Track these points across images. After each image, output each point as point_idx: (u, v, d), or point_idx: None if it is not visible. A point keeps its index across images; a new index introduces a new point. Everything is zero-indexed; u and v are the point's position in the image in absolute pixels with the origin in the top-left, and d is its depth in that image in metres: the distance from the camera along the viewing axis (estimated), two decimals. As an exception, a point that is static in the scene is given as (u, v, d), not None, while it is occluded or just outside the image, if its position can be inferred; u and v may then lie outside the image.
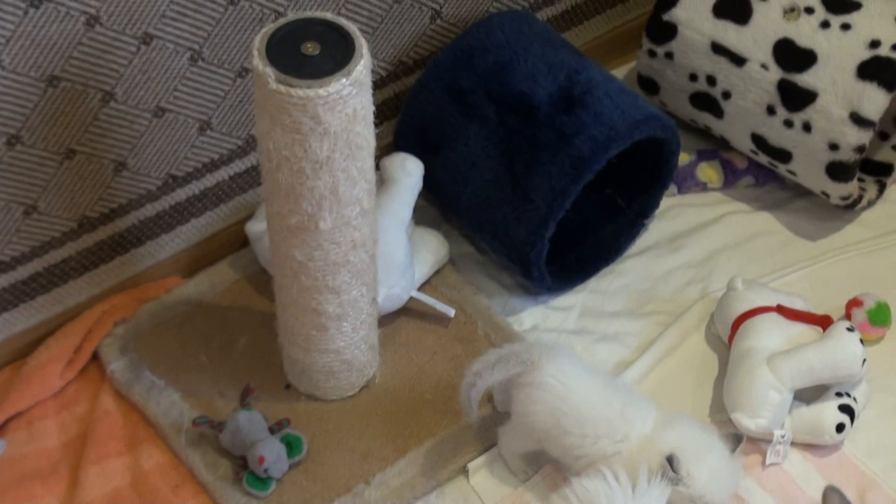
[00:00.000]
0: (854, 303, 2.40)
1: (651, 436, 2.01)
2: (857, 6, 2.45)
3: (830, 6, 2.46)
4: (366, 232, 2.03)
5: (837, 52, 2.42)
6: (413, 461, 2.16)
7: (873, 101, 2.38)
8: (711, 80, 2.55)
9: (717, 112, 2.59)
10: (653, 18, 2.60)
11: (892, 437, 2.24)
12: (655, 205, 2.58)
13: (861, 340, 2.18)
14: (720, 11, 2.52)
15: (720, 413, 2.24)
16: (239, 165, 2.44)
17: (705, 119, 2.64)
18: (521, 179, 2.32)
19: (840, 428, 2.17)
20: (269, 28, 1.84)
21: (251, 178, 2.47)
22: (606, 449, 2.01)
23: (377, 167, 2.39)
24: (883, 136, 2.71)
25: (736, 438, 2.06)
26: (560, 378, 2.05)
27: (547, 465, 2.16)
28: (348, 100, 1.82)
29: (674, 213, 2.65)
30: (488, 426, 2.21)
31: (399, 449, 2.17)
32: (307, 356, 2.18)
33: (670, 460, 1.92)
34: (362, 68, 1.82)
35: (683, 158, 2.67)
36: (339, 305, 2.09)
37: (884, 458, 2.21)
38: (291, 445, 2.14)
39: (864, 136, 2.41)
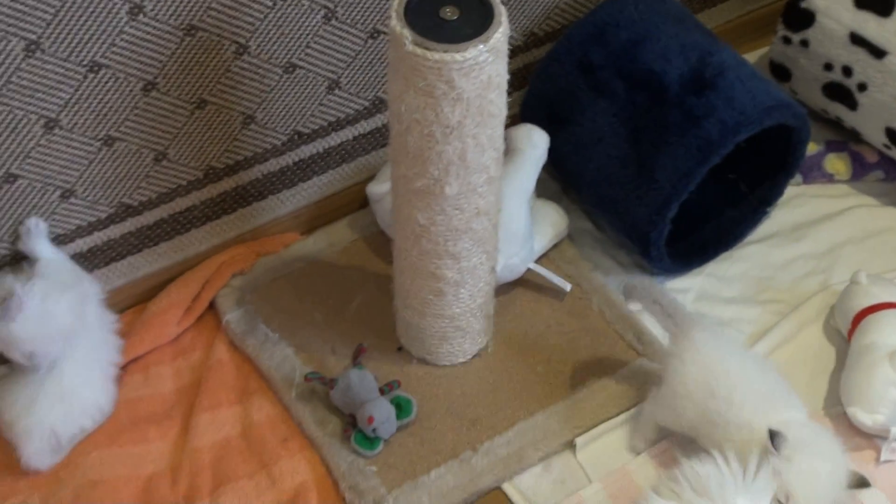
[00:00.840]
0: (979, 306, 2.34)
1: (781, 423, 1.96)
2: None
3: (976, 1, 2.40)
4: (491, 200, 2.03)
5: (981, 50, 2.37)
6: (522, 432, 2.16)
7: None
8: (847, 71, 2.51)
9: (851, 104, 2.54)
10: (791, 5, 2.56)
11: None
12: (779, 193, 2.54)
13: None
14: (861, 2, 2.46)
15: (835, 407, 2.21)
16: (364, 126, 2.45)
17: (837, 110, 2.59)
18: (646, 159, 2.30)
19: (955, 431, 2.13)
20: (409, -10, 1.85)
21: (375, 139, 2.48)
22: (744, 417, 1.98)
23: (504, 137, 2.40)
24: None
25: (861, 482, 1.99)
26: (718, 343, 2.08)
27: (662, 441, 2.15)
28: (484, 66, 1.82)
29: (798, 202, 2.61)
30: (598, 402, 2.20)
31: (508, 419, 2.17)
32: (422, 320, 2.19)
33: (773, 435, 1.89)
34: (500, 35, 1.82)
35: (811, 148, 2.63)
36: (458, 272, 2.09)
37: None
38: (401, 407, 2.15)
39: None
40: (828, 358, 2.32)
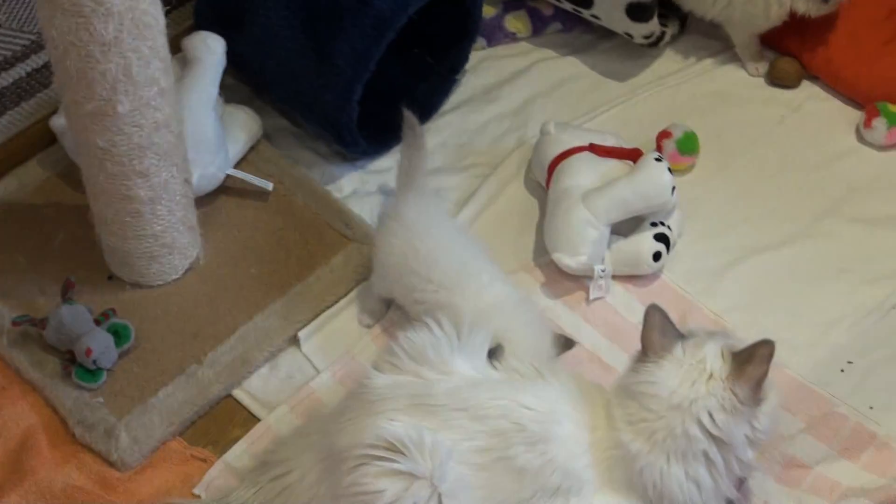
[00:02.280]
0: (663, 134, 2.45)
1: (485, 308, 2.01)
2: None
3: None
4: (168, 112, 2.00)
5: None
6: (244, 336, 2.16)
7: (663, -65, 2.41)
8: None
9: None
10: None
11: (706, 262, 2.31)
12: (465, 59, 2.59)
13: (669, 169, 2.22)
14: None
15: (543, 256, 2.28)
16: (35, 61, 2.38)
17: (507, -31, 2.64)
18: (323, 46, 2.30)
19: (657, 256, 2.23)
20: None
21: (51, 72, 2.40)
22: (443, 300, 2.03)
23: (179, 49, 2.37)
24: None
25: (567, 343, 2.05)
26: (421, 217, 2.10)
27: (385, 320, 2.20)
28: (130, -23, 1.78)
29: (485, 65, 2.66)
30: (315, 294, 2.22)
31: (228, 326, 2.17)
32: (126, 243, 2.15)
33: (493, 352, 1.92)
34: (139, -56, 1.78)
35: (489, 11, 2.69)
36: (149, 189, 2.06)
37: (700, 281, 2.27)
38: (119, 334, 2.12)
39: (658, -26, 2.44)
40: (532, 211, 2.39)
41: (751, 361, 1.73)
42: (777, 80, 2.61)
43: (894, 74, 2.52)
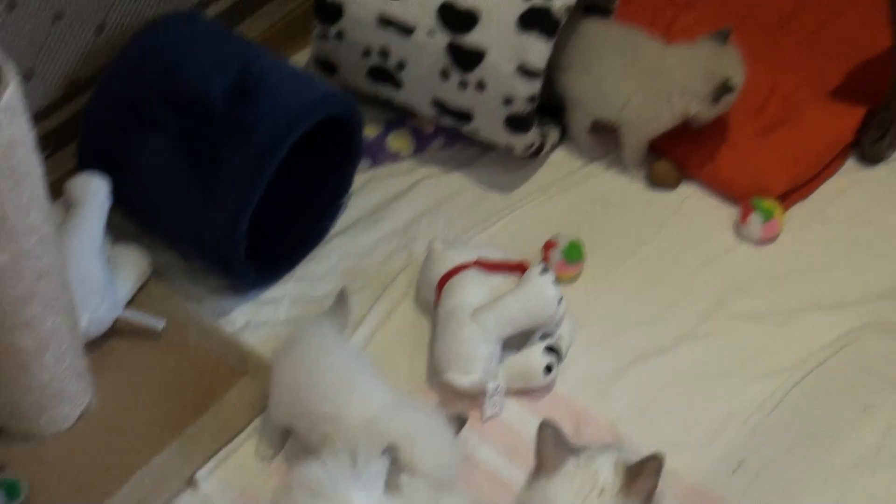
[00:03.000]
0: (549, 245, 2.49)
1: (375, 419, 2.02)
2: (507, -40, 2.53)
3: (484, -36, 2.53)
4: (50, 260, 1.99)
5: (497, 8, 2.50)
6: (140, 482, 2.13)
7: (536, 50, 2.47)
8: (384, 53, 2.60)
9: (396, 83, 2.64)
10: (318, 1, 2.63)
11: (598, 368, 2.34)
12: (349, 182, 2.62)
13: (555, 281, 2.26)
14: (377, -15, 2.57)
15: (436, 376, 2.29)
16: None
17: (386, 91, 2.69)
18: (208, 179, 2.32)
19: (549, 369, 2.25)
20: None
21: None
22: (329, 411, 2.04)
23: (63, 191, 2.37)
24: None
25: (460, 421, 2.07)
26: (314, 337, 2.15)
27: (286, 450, 2.20)
28: (2, 128, 1.78)
29: (371, 186, 2.70)
30: (212, 431, 2.22)
31: (124, 472, 2.14)
32: (13, 395, 2.13)
33: (389, 450, 1.92)
34: (11, 93, 1.78)
35: (372, 132, 2.73)
36: (35, 339, 2.05)
37: (593, 389, 2.30)
38: (9, 492, 2.09)
39: (534, 86, 2.49)
40: (423, 331, 2.41)
41: (641, 475, 1.76)
42: (657, 182, 2.68)
43: (766, 170, 2.60)
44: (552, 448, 1.82)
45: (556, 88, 2.69)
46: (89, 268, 2.28)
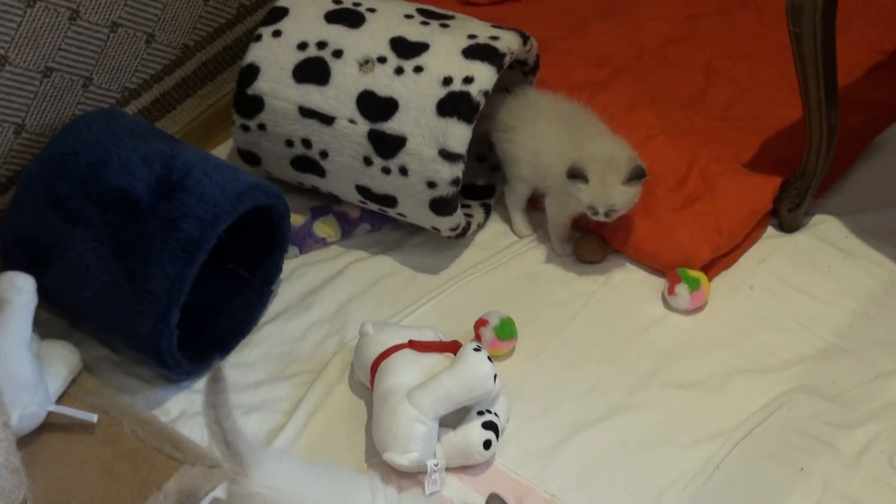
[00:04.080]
0: (480, 323, 2.51)
1: None
2: (426, 47, 2.58)
3: (401, 52, 2.58)
4: (-21, 359, 1.98)
5: (416, 95, 2.54)
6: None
7: (456, 134, 2.51)
8: (307, 143, 2.62)
9: (320, 172, 2.66)
10: (238, 94, 2.65)
11: (536, 443, 2.35)
12: (278, 270, 2.63)
13: (489, 358, 2.28)
14: (300, 76, 2.60)
15: (376, 456, 2.29)
16: None
17: (310, 180, 2.71)
18: (136, 274, 2.32)
19: (487, 444, 2.26)
20: None
21: None
22: None
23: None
24: (480, 159, 2.85)
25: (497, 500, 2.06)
26: (272, 484, 2.03)
27: None
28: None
29: (300, 272, 2.70)
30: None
31: (62, 570, 2.12)
32: (-54, 495, 2.10)
33: None
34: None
35: (298, 220, 2.74)
36: (-34, 438, 2.02)
37: (532, 463, 2.31)
38: None
39: (456, 170, 2.53)
40: (360, 412, 2.41)
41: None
42: (583, 257, 2.71)
43: (690, 241, 2.64)
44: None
45: (497, 150, 2.74)
46: (18, 365, 2.26)
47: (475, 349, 2.28)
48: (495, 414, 2.31)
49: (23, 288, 2.33)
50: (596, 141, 2.58)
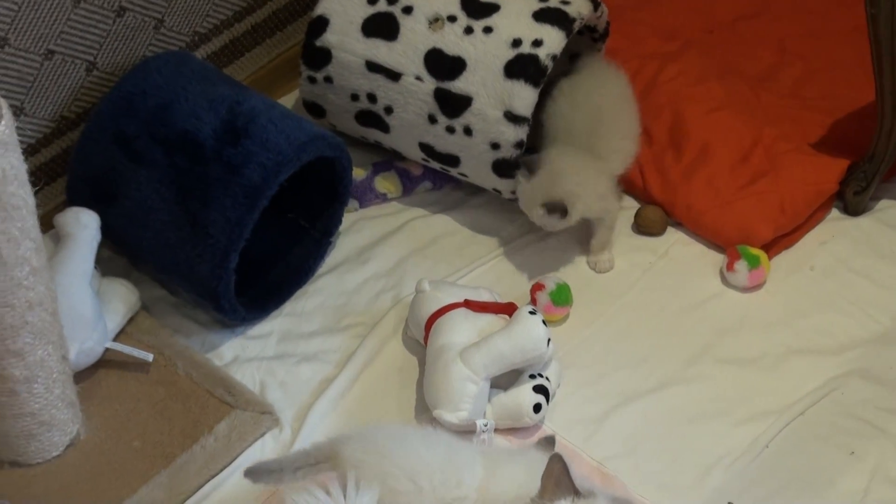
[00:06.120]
0: (537, 287, 2.50)
1: (486, 481, 2.00)
2: (496, 7, 2.56)
3: (471, 11, 2.56)
4: (41, 291, 2.00)
5: (484, 56, 2.53)
6: (128, 513, 2.14)
7: (523, 97, 2.50)
8: (372, 98, 2.62)
9: (384, 127, 2.66)
10: (306, 45, 2.65)
11: (586, 410, 2.35)
12: (338, 222, 2.63)
13: (544, 322, 2.28)
14: (369, 31, 2.59)
15: (425, 413, 2.30)
16: None
17: (374, 135, 2.71)
18: (197, 216, 2.33)
19: (537, 408, 2.26)
20: None
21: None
22: (445, 497, 2.00)
23: (52, 225, 2.38)
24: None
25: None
26: (371, 450, 2.02)
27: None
28: (-7, 161, 1.79)
29: (358, 226, 2.71)
30: (200, 463, 2.21)
31: (112, 502, 2.14)
32: (2, 423, 2.12)
33: None
34: (5, 128, 1.80)
35: (360, 173, 2.74)
36: (25, 368, 2.05)
37: (580, 430, 2.31)
38: (-3, 518, 2.09)
39: (520, 132, 2.52)
40: (412, 368, 2.42)
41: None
42: (643, 228, 2.70)
43: (752, 219, 2.62)
44: (554, 483, 1.84)
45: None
46: (79, 300, 2.28)
47: (530, 312, 2.28)
48: (547, 378, 2.31)
49: (87, 224, 2.35)
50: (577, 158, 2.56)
